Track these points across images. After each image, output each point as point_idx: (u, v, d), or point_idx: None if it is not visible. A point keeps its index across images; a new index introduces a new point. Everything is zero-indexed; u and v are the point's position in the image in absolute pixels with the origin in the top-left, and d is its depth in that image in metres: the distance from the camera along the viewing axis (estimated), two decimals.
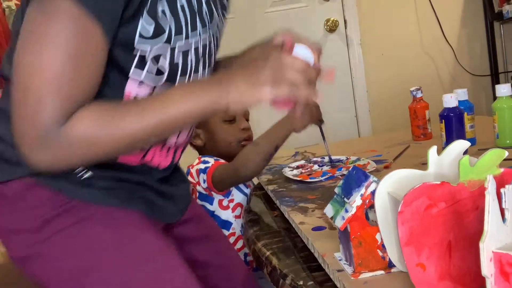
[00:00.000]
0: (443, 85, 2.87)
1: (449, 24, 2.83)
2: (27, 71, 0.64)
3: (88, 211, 0.76)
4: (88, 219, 0.76)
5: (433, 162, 0.70)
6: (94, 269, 0.75)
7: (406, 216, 0.61)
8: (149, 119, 0.68)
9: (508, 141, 1.30)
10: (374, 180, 0.70)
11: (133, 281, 0.75)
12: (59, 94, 0.64)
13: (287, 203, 1.12)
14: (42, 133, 0.64)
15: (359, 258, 0.72)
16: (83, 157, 0.69)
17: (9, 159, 0.76)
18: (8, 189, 0.76)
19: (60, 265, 0.76)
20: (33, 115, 0.64)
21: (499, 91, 1.30)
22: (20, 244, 0.77)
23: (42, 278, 0.77)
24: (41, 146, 0.65)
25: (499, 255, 0.53)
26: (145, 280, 0.76)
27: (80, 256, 0.75)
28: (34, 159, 0.67)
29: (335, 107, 2.82)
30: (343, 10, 2.77)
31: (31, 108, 0.64)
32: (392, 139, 1.64)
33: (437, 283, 0.63)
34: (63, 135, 0.65)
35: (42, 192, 0.76)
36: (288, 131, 1.26)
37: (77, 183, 0.76)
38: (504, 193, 0.54)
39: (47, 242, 0.75)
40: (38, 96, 0.64)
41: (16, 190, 0.75)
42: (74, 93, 0.65)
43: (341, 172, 1.29)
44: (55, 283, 0.76)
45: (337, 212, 0.74)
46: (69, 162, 0.69)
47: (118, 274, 0.75)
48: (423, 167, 0.71)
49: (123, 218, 0.78)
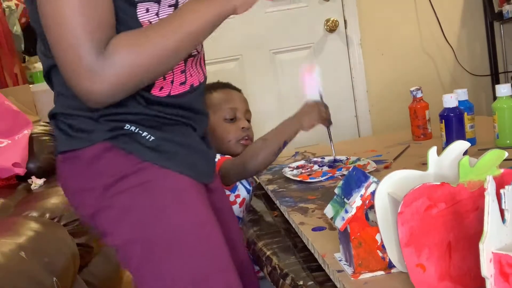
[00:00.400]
0: (443, 85, 2.86)
1: (449, 24, 2.83)
2: (53, 21, 0.73)
3: (156, 173, 0.85)
4: (155, 180, 0.84)
5: (433, 162, 0.70)
6: (156, 222, 0.83)
7: (406, 216, 0.61)
8: (175, 34, 0.78)
9: (508, 141, 1.30)
10: (374, 180, 0.70)
11: (188, 235, 0.83)
12: (87, 28, 0.73)
13: (287, 203, 1.12)
14: (87, 66, 0.73)
15: (359, 258, 0.72)
16: (131, 82, 0.77)
17: (85, 129, 0.84)
18: (85, 153, 0.84)
19: (127, 216, 0.83)
20: (73, 53, 0.73)
21: (499, 91, 1.30)
22: (92, 200, 0.84)
23: (109, 228, 0.84)
24: (90, 77, 0.73)
25: (499, 256, 0.53)
26: (192, 241, 0.84)
27: (144, 210, 0.83)
28: (88, 91, 0.75)
29: (335, 107, 2.82)
30: (343, 10, 2.76)
31: (70, 49, 0.73)
32: (392, 139, 1.64)
33: (437, 283, 0.63)
34: (107, 63, 0.74)
35: (116, 154, 0.83)
36: (296, 128, 1.29)
37: (146, 147, 0.84)
38: (504, 194, 0.54)
39: (117, 196, 0.83)
40: (70, 37, 0.72)
41: (93, 153, 0.83)
42: (99, 22, 0.74)
43: (341, 172, 1.29)
44: (120, 233, 0.84)
45: (337, 213, 0.74)
46: (119, 89, 0.77)
47: (176, 229, 0.83)
48: (423, 167, 0.71)
49: (182, 183, 0.87)
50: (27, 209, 1.64)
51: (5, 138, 2.07)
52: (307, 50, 2.80)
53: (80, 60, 0.73)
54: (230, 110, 1.43)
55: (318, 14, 2.76)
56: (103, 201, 0.84)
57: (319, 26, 2.77)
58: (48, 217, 1.61)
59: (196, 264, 0.83)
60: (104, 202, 0.84)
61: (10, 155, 1.98)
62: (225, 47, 2.66)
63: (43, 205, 1.68)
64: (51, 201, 1.72)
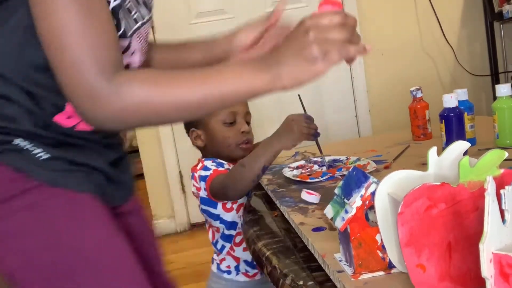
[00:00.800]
0: (443, 85, 2.87)
1: (449, 24, 2.83)
2: (51, 35, 0.67)
3: (46, 192, 0.77)
4: (46, 200, 0.77)
5: (433, 162, 0.70)
6: (49, 248, 0.76)
7: (406, 217, 0.61)
8: (205, 90, 0.70)
9: (508, 141, 1.30)
10: (374, 181, 0.70)
11: (86, 260, 0.76)
12: (87, 44, 0.67)
13: (287, 204, 1.12)
14: (89, 85, 0.67)
15: (359, 259, 0.72)
16: (136, 119, 0.71)
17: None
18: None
19: (16, 243, 0.76)
20: (74, 70, 0.67)
21: (499, 91, 1.30)
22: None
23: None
24: (91, 100, 0.68)
25: (499, 256, 0.53)
26: (96, 261, 0.77)
27: (36, 235, 0.76)
28: (88, 114, 0.69)
29: (335, 107, 2.82)
30: (343, 10, 2.77)
31: (70, 65, 0.67)
32: (392, 139, 1.64)
33: (437, 284, 0.63)
34: (113, 91, 0.68)
35: (3, 171, 0.76)
36: (276, 150, 1.20)
37: (37, 164, 0.76)
38: (504, 194, 0.54)
39: (4, 220, 0.75)
40: (71, 51, 0.67)
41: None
42: (101, 40, 0.68)
43: (341, 172, 1.29)
44: (11, 261, 0.76)
45: (337, 213, 0.74)
46: (121, 121, 0.71)
47: (71, 254, 0.76)
48: (423, 167, 0.71)
49: (78, 200, 0.79)
50: None
51: None
52: None
53: (81, 79, 0.68)
54: (230, 114, 1.39)
55: None
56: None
57: None
58: None
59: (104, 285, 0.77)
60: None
61: None
62: None
63: None
64: None
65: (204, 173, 1.32)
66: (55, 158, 0.78)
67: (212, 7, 2.73)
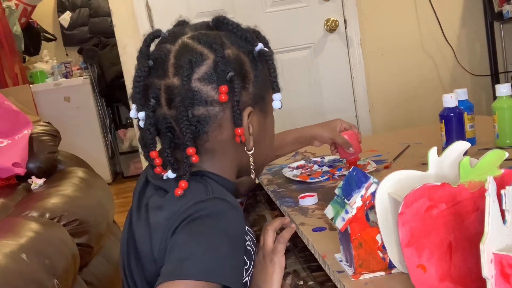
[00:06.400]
0: (443, 85, 2.86)
1: (449, 24, 2.83)
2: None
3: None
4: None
5: (433, 163, 0.70)
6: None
7: (407, 217, 0.61)
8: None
9: (508, 141, 1.30)
10: (374, 181, 0.70)
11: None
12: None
13: (287, 204, 1.12)
14: None
15: (360, 259, 0.72)
16: None
17: None
18: None
19: None
20: None
21: (499, 91, 1.30)
22: None
23: None
24: None
25: (500, 257, 0.53)
26: None
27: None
28: None
29: (335, 107, 2.82)
30: (343, 10, 2.76)
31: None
32: (392, 139, 1.64)
33: (437, 284, 0.63)
34: None
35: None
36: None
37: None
38: (505, 195, 0.54)
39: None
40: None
41: None
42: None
43: (341, 172, 1.29)
44: None
45: (338, 213, 0.74)
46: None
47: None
48: (423, 167, 0.71)
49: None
50: (27, 209, 1.64)
51: (5, 138, 2.07)
52: (307, 50, 2.80)
53: None
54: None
55: (318, 14, 2.76)
56: None
57: (319, 26, 2.77)
58: (48, 217, 1.61)
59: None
60: None
61: (10, 155, 1.98)
62: None
63: (43, 205, 1.68)
64: (51, 201, 1.72)
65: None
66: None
67: (212, 7, 2.72)
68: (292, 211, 1.06)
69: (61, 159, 2.21)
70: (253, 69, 0.79)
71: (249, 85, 0.78)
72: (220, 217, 0.69)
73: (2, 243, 1.29)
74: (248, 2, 2.74)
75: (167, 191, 0.75)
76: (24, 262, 1.25)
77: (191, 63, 0.74)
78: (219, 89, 0.74)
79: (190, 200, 0.70)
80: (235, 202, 0.74)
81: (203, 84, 0.74)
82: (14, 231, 1.40)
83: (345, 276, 0.74)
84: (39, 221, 1.52)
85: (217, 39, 0.76)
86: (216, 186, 0.75)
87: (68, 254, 1.45)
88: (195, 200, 0.70)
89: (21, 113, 2.20)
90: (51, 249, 1.40)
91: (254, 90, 0.79)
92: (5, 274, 1.17)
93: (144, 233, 0.74)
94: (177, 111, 0.73)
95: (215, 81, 0.74)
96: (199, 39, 0.76)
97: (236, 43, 0.78)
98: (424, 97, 2.91)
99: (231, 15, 2.79)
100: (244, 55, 0.78)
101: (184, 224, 0.68)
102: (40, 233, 1.42)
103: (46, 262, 1.31)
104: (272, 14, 2.74)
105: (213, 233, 0.68)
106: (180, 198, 0.72)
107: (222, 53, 0.74)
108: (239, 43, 0.78)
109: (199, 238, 0.67)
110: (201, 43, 0.76)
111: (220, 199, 0.71)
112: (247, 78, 0.78)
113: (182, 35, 0.77)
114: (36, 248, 1.34)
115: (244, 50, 0.78)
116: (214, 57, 0.74)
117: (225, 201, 0.71)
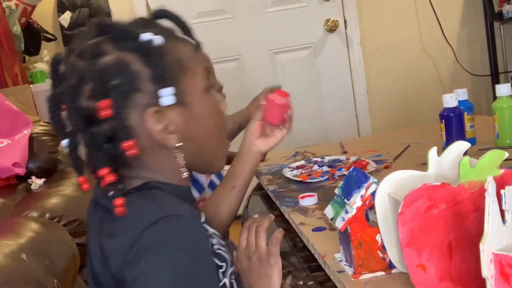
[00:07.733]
0: (443, 85, 2.86)
1: (449, 24, 2.83)
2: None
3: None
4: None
5: (433, 163, 0.70)
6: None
7: (407, 217, 0.61)
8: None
9: (508, 141, 1.30)
10: (374, 181, 0.70)
11: None
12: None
13: (287, 204, 1.12)
14: None
15: (360, 259, 0.72)
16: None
17: None
18: None
19: None
20: None
21: (499, 91, 1.30)
22: None
23: None
24: None
25: (499, 257, 0.53)
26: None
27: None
28: None
29: (335, 107, 2.82)
30: (343, 10, 2.77)
31: None
32: (392, 139, 1.64)
33: (437, 284, 0.63)
34: None
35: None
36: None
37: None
38: (504, 195, 0.54)
39: None
40: None
41: None
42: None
43: (341, 172, 1.29)
44: None
45: (337, 213, 0.74)
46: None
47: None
48: (423, 167, 0.71)
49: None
50: (27, 209, 1.64)
51: (5, 138, 2.07)
52: (307, 50, 2.80)
53: None
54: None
55: (318, 14, 2.76)
56: None
57: (319, 26, 2.77)
58: (48, 217, 1.61)
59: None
60: None
61: (10, 155, 1.98)
62: (225, 47, 2.66)
63: (43, 205, 1.68)
64: (51, 201, 1.72)
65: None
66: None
67: (212, 7, 2.72)
68: (292, 211, 1.06)
69: (61, 159, 2.21)
70: (147, 64, 0.70)
71: (145, 84, 0.69)
72: (178, 237, 0.65)
73: (2, 243, 1.29)
74: (248, 2, 2.75)
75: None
76: (24, 262, 1.25)
77: (81, 81, 0.68)
78: (98, 105, 0.66)
79: (142, 224, 0.65)
80: (189, 212, 0.70)
81: (92, 101, 0.68)
82: (14, 231, 1.40)
83: (345, 276, 0.74)
84: (39, 221, 1.52)
85: (94, 50, 0.70)
86: (167, 199, 0.71)
87: (68, 254, 1.45)
88: (147, 222, 0.65)
89: (21, 113, 2.20)
90: (51, 249, 1.40)
91: (155, 86, 0.69)
92: (5, 274, 1.17)
93: (100, 261, 0.71)
94: (82, 135, 0.68)
95: (100, 96, 0.67)
96: (81, 55, 0.71)
97: (117, 45, 0.70)
98: (424, 97, 2.91)
99: (231, 15, 2.79)
100: (131, 54, 0.70)
101: (141, 253, 0.64)
102: (40, 233, 1.42)
103: (46, 262, 1.31)
104: (272, 14, 2.74)
105: (174, 257, 0.64)
106: (130, 223, 0.67)
107: (98, 65, 0.68)
108: (121, 44, 0.71)
109: (161, 266, 0.64)
110: (83, 59, 0.70)
111: (174, 216, 0.66)
112: (137, 79, 0.69)
113: (72, 53, 0.72)
114: (36, 248, 1.34)
115: (128, 48, 0.70)
116: (93, 71, 0.68)
117: (178, 217, 0.67)
